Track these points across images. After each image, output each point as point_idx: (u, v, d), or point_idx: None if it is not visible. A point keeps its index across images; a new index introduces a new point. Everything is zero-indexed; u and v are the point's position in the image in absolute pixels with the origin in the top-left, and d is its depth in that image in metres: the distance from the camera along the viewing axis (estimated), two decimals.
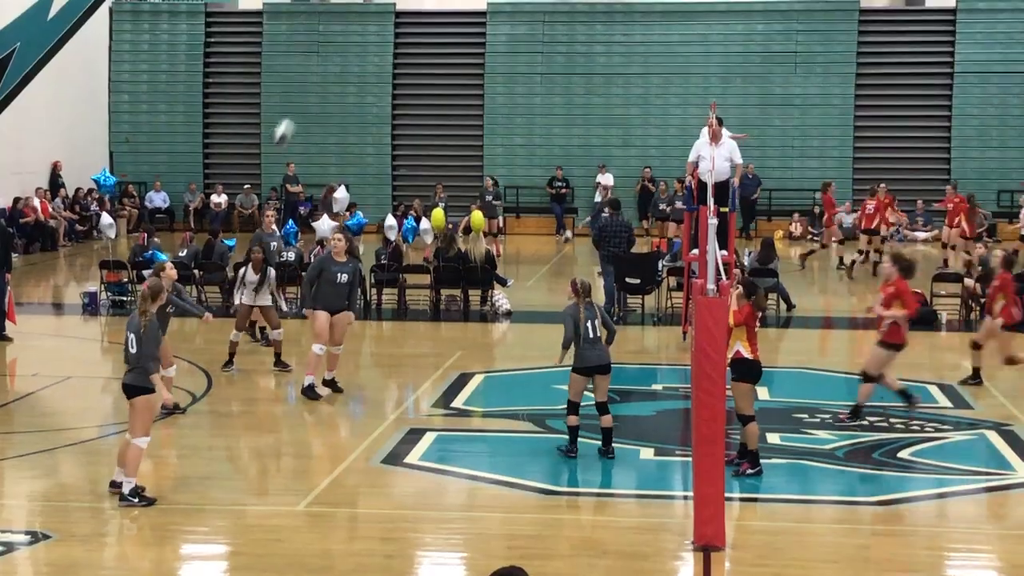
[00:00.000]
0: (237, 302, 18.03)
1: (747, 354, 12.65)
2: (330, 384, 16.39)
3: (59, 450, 13.83)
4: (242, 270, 18.16)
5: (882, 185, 29.15)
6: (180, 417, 15.14)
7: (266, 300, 17.76)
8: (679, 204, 30.31)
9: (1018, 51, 36.88)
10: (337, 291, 16.11)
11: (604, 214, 23.47)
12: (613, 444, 13.37)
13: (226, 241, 24.94)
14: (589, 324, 13.19)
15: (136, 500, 11.72)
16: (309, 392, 16.07)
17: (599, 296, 20.63)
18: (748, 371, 12.70)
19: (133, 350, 11.76)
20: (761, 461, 12.76)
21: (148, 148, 39.52)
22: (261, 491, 12.85)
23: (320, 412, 15.95)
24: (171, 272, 15.08)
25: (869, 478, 12.94)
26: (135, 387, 11.78)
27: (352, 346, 20.90)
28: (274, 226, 21.45)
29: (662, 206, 34.46)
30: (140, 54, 40.16)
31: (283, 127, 21.54)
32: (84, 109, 38.26)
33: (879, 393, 15.11)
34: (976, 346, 16.86)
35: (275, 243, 20.90)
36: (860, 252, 28.47)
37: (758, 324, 13.34)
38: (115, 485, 11.99)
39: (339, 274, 16.06)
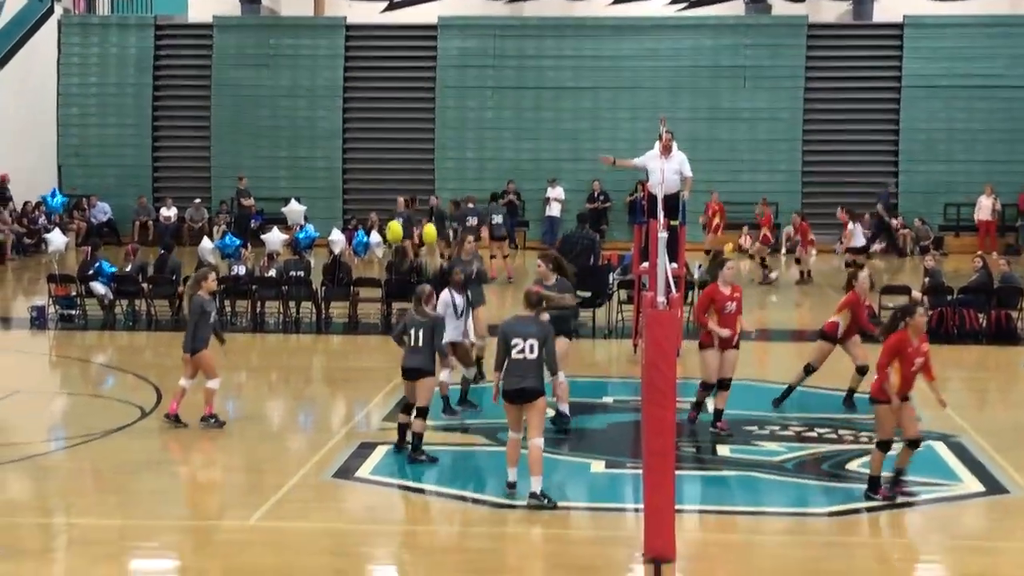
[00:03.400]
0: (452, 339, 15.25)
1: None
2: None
3: (6, 465, 13.70)
4: (448, 298, 15.54)
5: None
6: (129, 432, 15.05)
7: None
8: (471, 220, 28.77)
9: (963, 66, 37.25)
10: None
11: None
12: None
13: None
14: (412, 332, 13.56)
15: (546, 501, 12.08)
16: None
17: None
18: None
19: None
20: (710, 472, 12.82)
21: (97, 161, 39.20)
22: (211, 506, 12.81)
23: (271, 426, 15.89)
24: (211, 283, 15.15)
25: (819, 490, 13.03)
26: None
27: (302, 360, 20.89)
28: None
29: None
30: (89, 67, 39.88)
31: None
32: (33, 122, 37.91)
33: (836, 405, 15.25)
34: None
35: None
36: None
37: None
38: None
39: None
